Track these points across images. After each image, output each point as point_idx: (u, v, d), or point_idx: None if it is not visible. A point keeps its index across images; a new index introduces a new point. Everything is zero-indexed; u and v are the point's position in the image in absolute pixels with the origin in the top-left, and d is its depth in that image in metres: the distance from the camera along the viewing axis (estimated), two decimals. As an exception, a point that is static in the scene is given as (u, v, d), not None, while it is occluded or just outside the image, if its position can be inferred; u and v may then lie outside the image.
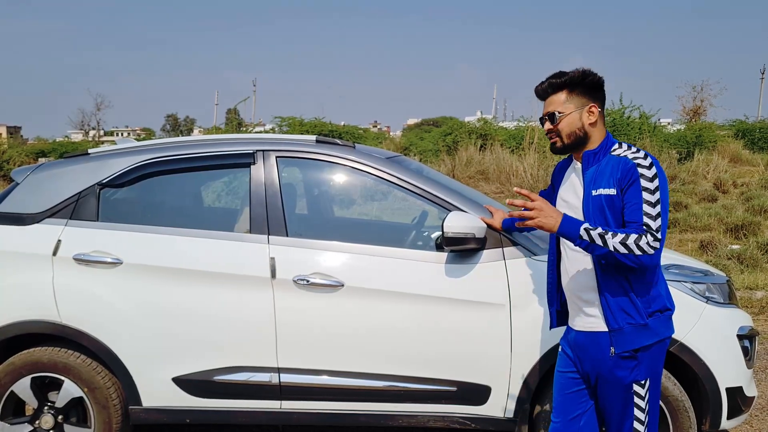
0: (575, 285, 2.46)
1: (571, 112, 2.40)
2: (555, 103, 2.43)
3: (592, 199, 2.36)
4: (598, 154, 2.40)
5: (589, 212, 2.36)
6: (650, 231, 2.23)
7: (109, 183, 3.33)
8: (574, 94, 2.41)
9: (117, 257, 3.18)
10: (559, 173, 2.65)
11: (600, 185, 2.34)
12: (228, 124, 23.72)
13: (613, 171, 2.32)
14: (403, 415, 3.16)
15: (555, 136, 2.44)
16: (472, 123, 23.40)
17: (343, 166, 3.35)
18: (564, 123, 2.41)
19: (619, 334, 2.34)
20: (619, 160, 2.33)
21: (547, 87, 2.46)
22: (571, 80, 2.41)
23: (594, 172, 2.38)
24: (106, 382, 3.23)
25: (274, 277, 3.12)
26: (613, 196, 2.31)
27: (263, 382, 3.16)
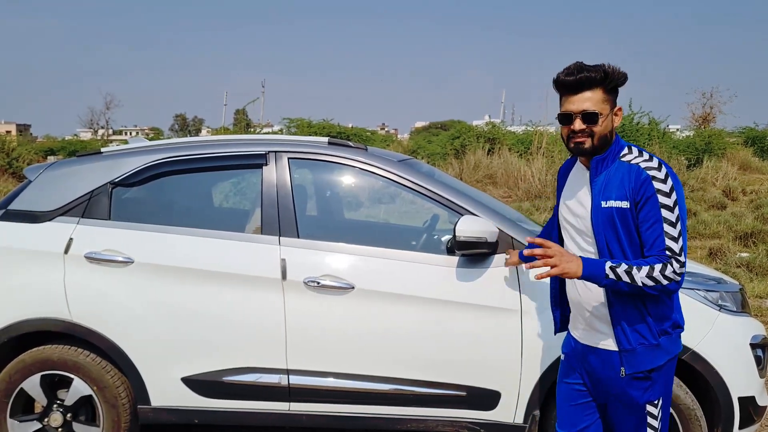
0: (583, 297, 2.33)
1: (608, 113, 2.22)
2: (593, 101, 2.19)
3: (601, 211, 2.20)
4: (606, 160, 2.24)
5: (599, 225, 2.21)
6: (674, 257, 2.11)
7: (121, 182, 3.34)
8: (608, 94, 2.22)
9: (128, 256, 3.19)
10: (563, 177, 2.48)
11: (611, 196, 2.18)
12: (236, 125, 23.80)
13: (624, 181, 2.17)
14: (411, 419, 3.15)
15: (586, 137, 2.21)
16: (480, 127, 23.35)
17: (355, 168, 3.34)
18: (603, 125, 2.20)
19: (631, 355, 2.22)
20: (630, 169, 2.18)
21: (584, 80, 2.19)
22: (612, 79, 2.20)
23: (604, 180, 2.22)
24: (115, 381, 3.23)
25: (285, 278, 3.11)
26: (625, 209, 2.16)
27: (272, 383, 3.16)
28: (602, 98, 2.20)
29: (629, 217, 2.16)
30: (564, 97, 2.25)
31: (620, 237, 2.18)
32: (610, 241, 2.19)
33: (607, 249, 2.21)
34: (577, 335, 2.41)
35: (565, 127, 2.25)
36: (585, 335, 2.35)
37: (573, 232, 2.35)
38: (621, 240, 2.18)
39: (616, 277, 2.10)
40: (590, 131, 2.20)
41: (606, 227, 2.19)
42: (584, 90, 2.19)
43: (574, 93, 2.21)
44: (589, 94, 2.19)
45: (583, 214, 2.27)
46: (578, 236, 2.32)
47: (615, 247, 2.20)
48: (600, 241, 2.22)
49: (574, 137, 2.23)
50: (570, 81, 2.20)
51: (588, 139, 2.21)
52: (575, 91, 2.20)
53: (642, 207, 2.13)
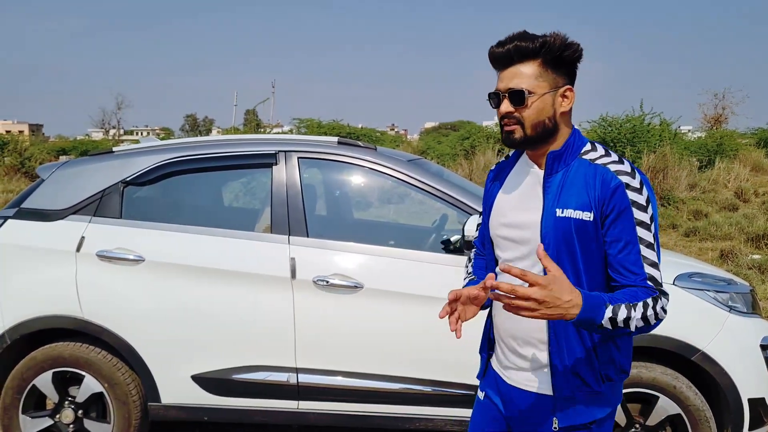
0: (514, 327, 1.81)
1: (545, 93, 1.72)
2: (522, 77, 1.72)
3: (555, 221, 1.71)
4: (564, 155, 1.76)
5: (550, 238, 1.71)
6: (659, 287, 1.67)
7: (132, 181, 3.36)
8: (549, 69, 1.73)
9: (139, 254, 3.21)
10: (495, 182, 1.95)
11: (568, 203, 1.71)
12: (247, 125, 23.88)
13: (588, 185, 1.71)
14: (419, 418, 3.15)
15: (515, 124, 1.74)
16: (490, 127, 23.36)
17: (364, 168, 3.35)
18: (534, 107, 1.72)
19: (568, 403, 1.76)
20: (597, 171, 1.71)
21: (513, 52, 1.72)
22: (549, 49, 1.70)
23: (560, 181, 1.74)
24: (126, 378, 3.26)
25: (294, 277, 3.13)
26: (587, 222, 1.69)
27: (281, 381, 3.17)
28: (536, 73, 1.71)
29: (591, 233, 1.70)
30: (498, 74, 1.79)
31: (575, 256, 1.71)
32: (563, 260, 1.70)
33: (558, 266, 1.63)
34: (504, 374, 1.89)
35: (498, 112, 1.79)
36: (514, 376, 1.85)
37: (510, 248, 1.83)
38: (576, 260, 1.71)
39: (612, 326, 1.59)
40: (520, 116, 1.73)
41: (558, 241, 1.70)
42: (515, 64, 1.73)
43: (505, 67, 1.75)
44: (520, 68, 1.72)
45: (529, 224, 1.76)
46: (519, 252, 1.80)
47: (567, 268, 1.69)
48: (549, 254, 1.67)
49: (505, 124, 1.77)
50: (498, 52, 1.75)
51: (518, 127, 1.74)
52: (506, 66, 1.75)
53: (613, 222, 1.68)
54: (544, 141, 1.77)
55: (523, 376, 1.83)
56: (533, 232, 1.75)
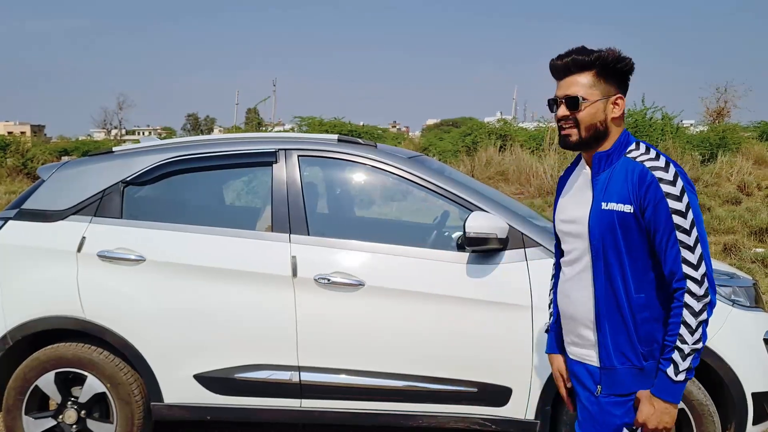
0: (571, 310, 2.12)
1: (597, 100, 1.97)
2: (578, 86, 1.97)
3: (601, 213, 1.96)
4: (611, 156, 2.00)
5: (596, 231, 1.97)
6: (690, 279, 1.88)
7: (133, 181, 3.36)
8: (602, 80, 1.98)
9: (140, 254, 3.21)
10: (563, 183, 2.24)
11: (612, 197, 1.95)
12: (248, 124, 23.88)
13: (627, 180, 1.94)
14: (423, 415, 3.15)
15: (571, 127, 2.00)
16: (491, 124, 23.30)
17: (365, 166, 3.35)
18: (586, 112, 1.97)
19: (611, 374, 2.01)
20: (634, 168, 1.94)
21: (571, 64, 1.98)
22: (603, 62, 1.96)
23: (606, 178, 1.99)
24: (128, 378, 3.26)
25: (296, 275, 3.12)
26: (628, 214, 1.92)
27: (283, 380, 3.17)
28: (591, 83, 1.97)
29: (633, 224, 1.93)
30: (556, 84, 2.06)
31: (619, 246, 1.95)
32: (608, 250, 1.96)
33: (603, 258, 1.98)
34: (568, 350, 2.21)
35: (555, 116, 2.06)
36: (575, 350, 2.15)
37: (568, 241, 2.12)
38: (620, 249, 1.95)
39: (689, 364, 1.88)
40: (575, 120, 1.98)
41: (604, 233, 1.96)
42: (573, 74, 1.99)
43: (563, 77, 2.02)
44: (577, 78, 1.98)
45: (580, 218, 2.03)
46: (575, 244, 2.08)
47: (612, 257, 1.97)
48: (595, 247, 1.98)
49: (562, 128, 2.03)
50: (558, 65, 2.02)
51: (574, 130, 1.99)
52: (564, 76, 2.02)
53: (652, 215, 1.90)
54: (596, 143, 2.01)
55: (580, 351, 2.12)
56: (583, 226, 2.02)
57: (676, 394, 1.92)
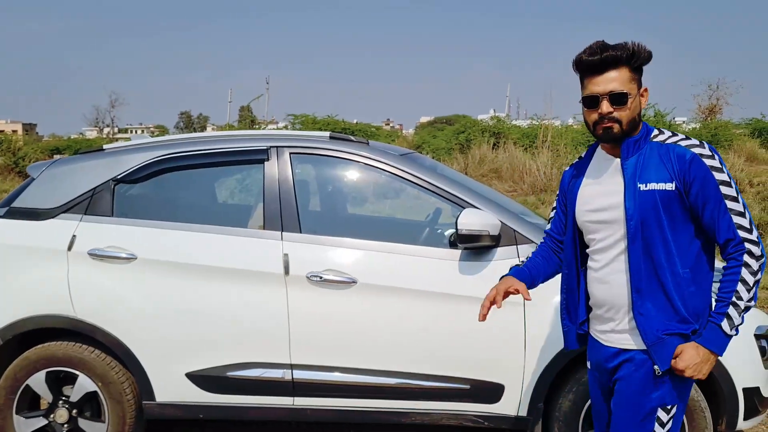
0: (613, 296, 2.12)
1: (636, 94, 2.04)
2: (620, 81, 2.01)
3: (640, 194, 2.01)
4: (639, 142, 2.06)
5: (635, 211, 2.01)
6: (747, 241, 1.98)
7: (123, 179, 3.35)
8: (635, 74, 2.04)
9: (131, 253, 3.20)
10: (572, 180, 2.27)
11: (649, 178, 2.00)
12: (241, 122, 23.82)
13: (664, 161, 2.01)
14: (415, 412, 3.15)
15: (613, 122, 2.02)
16: (485, 121, 23.30)
17: (356, 163, 3.34)
18: (631, 107, 2.02)
19: (660, 347, 2.03)
20: (669, 149, 2.02)
21: (609, 59, 2.00)
22: (638, 58, 2.02)
23: (636, 162, 2.04)
24: (120, 376, 3.25)
25: (288, 273, 3.11)
26: (670, 192, 1.99)
27: (276, 378, 3.16)
28: (629, 78, 2.02)
29: (676, 201, 2.00)
30: (587, 79, 2.06)
31: (662, 224, 2.00)
32: (648, 230, 2.01)
33: (642, 239, 2.01)
34: (601, 338, 2.21)
35: (592, 112, 2.05)
36: (612, 336, 2.16)
37: (601, 229, 2.13)
38: (663, 227, 2.00)
39: (740, 321, 2.00)
40: (618, 115, 2.02)
41: (646, 212, 2.00)
42: (609, 70, 2.01)
43: (599, 73, 2.02)
44: (615, 74, 2.01)
45: (615, 204, 2.07)
46: (609, 230, 2.11)
47: (654, 236, 2.01)
48: (633, 227, 2.02)
49: (602, 122, 2.04)
50: (594, 61, 2.02)
51: (616, 124, 2.02)
52: (600, 72, 2.02)
53: (699, 190, 1.98)
54: (630, 134, 2.07)
55: (618, 336, 2.13)
56: (618, 210, 2.05)
57: (723, 347, 2.01)
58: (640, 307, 2.04)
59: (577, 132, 19.34)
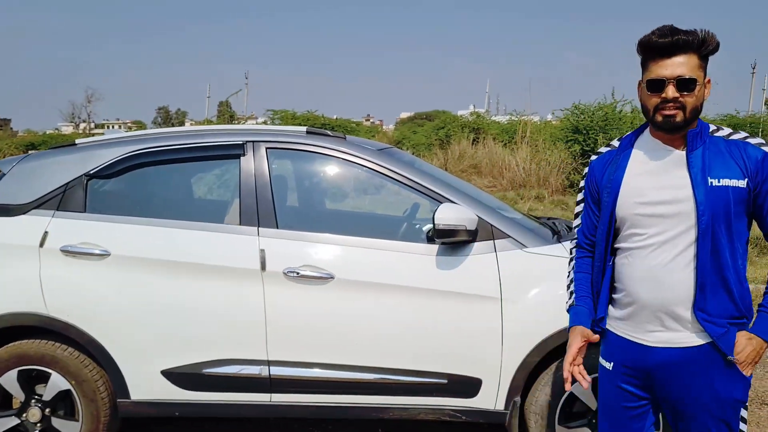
0: (669, 294, 2.02)
1: (702, 83, 1.97)
2: (689, 67, 1.93)
3: (713, 190, 1.94)
4: (702, 134, 2.00)
5: (705, 207, 1.94)
6: None
7: (96, 174, 3.29)
8: (702, 62, 1.97)
9: (105, 249, 3.15)
10: (610, 168, 2.16)
11: (720, 174, 1.94)
12: (220, 117, 23.63)
13: (734, 157, 1.96)
14: (393, 407, 3.15)
15: (677, 108, 1.94)
16: (464, 117, 23.41)
17: (333, 158, 3.32)
18: (697, 94, 1.95)
19: (727, 338, 2.00)
20: (738, 146, 1.98)
21: (680, 43, 1.92)
22: (707, 46, 1.95)
23: (702, 156, 1.98)
24: (93, 374, 3.20)
25: (264, 269, 3.09)
26: (742, 189, 1.94)
27: (253, 374, 3.14)
28: (697, 65, 1.94)
29: (745, 198, 1.95)
30: (653, 62, 1.97)
31: (729, 220, 1.96)
32: (718, 225, 1.95)
33: (711, 233, 1.95)
34: (643, 338, 2.10)
35: (654, 96, 1.97)
36: (660, 336, 2.07)
37: (657, 224, 2.03)
38: (730, 223, 1.96)
39: None
40: (683, 101, 1.94)
41: (717, 209, 1.94)
42: (678, 54, 1.93)
43: (668, 57, 1.94)
44: (685, 59, 1.93)
45: (680, 198, 1.98)
46: (668, 225, 2.01)
47: (721, 232, 1.96)
48: (704, 223, 1.94)
49: (664, 108, 1.95)
50: (664, 43, 1.93)
51: (679, 111, 1.94)
52: (668, 55, 1.94)
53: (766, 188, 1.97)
54: (691, 124, 2.00)
55: (674, 335, 2.04)
56: (686, 205, 1.97)
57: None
58: (704, 305, 1.98)
59: (555, 128, 19.47)
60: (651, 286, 2.04)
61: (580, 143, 15.73)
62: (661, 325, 2.06)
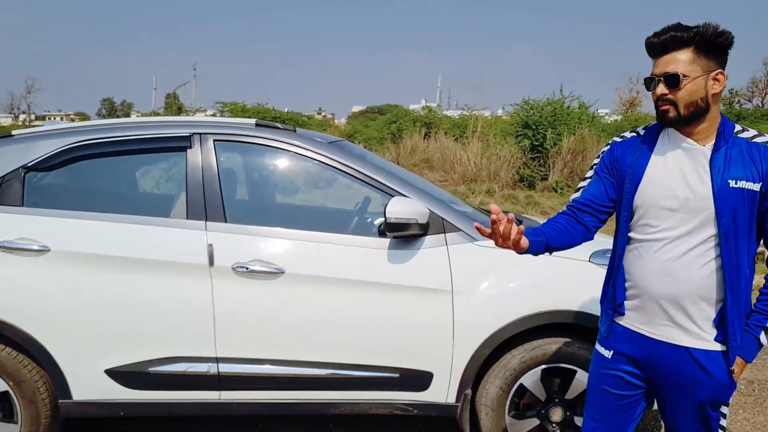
0: (681, 290, 2.03)
1: (698, 76, 1.95)
2: (678, 62, 1.95)
3: (731, 191, 1.95)
4: (725, 134, 2.00)
5: (725, 207, 1.95)
6: None
7: (34, 166, 3.16)
8: (701, 55, 1.95)
9: (44, 244, 3.03)
10: (633, 153, 2.15)
11: (738, 175, 1.95)
12: (167, 109, 23.11)
13: (754, 160, 1.96)
14: (344, 402, 3.13)
15: (668, 104, 1.98)
16: (416, 111, 23.48)
17: (284, 151, 3.27)
18: (686, 89, 1.95)
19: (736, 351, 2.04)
20: (759, 149, 1.97)
21: (669, 40, 1.96)
22: (702, 37, 1.93)
23: (725, 156, 1.98)
24: (33, 375, 3.08)
25: (212, 264, 3.02)
26: (755, 192, 1.95)
27: (201, 372, 3.07)
28: (690, 59, 1.95)
29: (756, 201, 1.96)
30: (653, 61, 2.03)
31: (745, 222, 1.97)
32: (738, 227, 1.97)
33: (733, 235, 1.96)
34: (650, 331, 2.11)
35: (652, 93, 2.04)
36: (666, 331, 2.08)
37: (675, 217, 2.03)
38: (745, 226, 1.98)
39: None
40: (674, 97, 1.97)
41: (735, 210, 1.95)
42: (671, 51, 1.97)
43: (661, 55, 1.99)
44: (676, 55, 1.96)
45: (702, 194, 1.98)
46: (685, 221, 2.01)
47: (742, 234, 1.98)
48: (725, 224, 1.95)
49: (659, 105, 2.01)
50: (654, 42, 2.00)
51: (671, 107, 1.98)
52: (661, 53, 1.99)
53: None
54: (696, 119, 1.99)
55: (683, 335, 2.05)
56: (705, 203, 1.97)
57: (754, 355, 2.04)
58: (731, 307, 1.99)
59: (505, 123, 19.73)
60: (662, 280, 2.05)
61: (530, 138, 15.99)
62: (669, 319, 2.07)
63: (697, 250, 2.00)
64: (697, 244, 2.00)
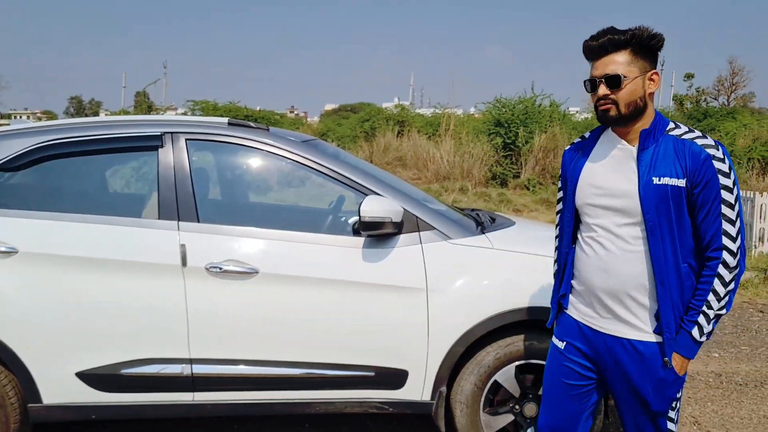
0: (616, 284, 2.14)
1: (636, 76, 2.05)
2: (617, 64, 2.04)
3: (654, 188, 2.03)
4: (654, 133, 2.08)
5: (650, 203, 2.04)
6: (726, 250, 2.02)
7: (1, 166, 3.10)
8: (638, 57, 2.05)
9: (12, 246, 2.97)
10: (576, 157, 2.28)
11: (663, 172, 2.03)
12: (137, 108, 22.79)
13: (679, 157, 2.03)
14: (319, 402, 3.12)
15: (610, 104, 2.06)
16: (389, 109, 23.50)
17: (257, 150, 3.24)
18: (627, 89, 2.04)
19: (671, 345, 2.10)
20: (685, 146, 2.04)
21: (607, 43, 2.05)
22: (639, 40, 2.03)
23: (652, 154, 2.06)
24: (1, 379, 3.02)
25: (185, 264, 2.99)
26: (681, 188, 2.02)
27: (174, 374, 3.04)
28: (628, 60, 2.04)
29: (683, 197, 2.03)
30: (591, 64, 2.12)
31: (671, 218, 2.04)
32: (662, 222, 2.05)
33: (659, 230, 2.05)
34: (595, 324, 2.23)
35: (592, 94, 2.12)
36: (609, 324, 2.19)
37: (603, 215, 2.16)
38: (671, 221, 2.05)
39: (711, 327, 2.07)
40: (615, 98, 2.05)
41: (658, 205, 2.03)
42: (609, 53, 2.06)
43: (599, 58, 2.08)
44: (614, 57, 2.05)
45: (629, 192, 2.08)
46: (617, 218, 2.13)
47: (665, 229, 2.05)
48: (651, 220, 2.04)
49: (599, 105, 2.09)
50: (593, 46, 2.09)
51: (612, 106, 2.06)
52: (599, 56, 2.08)
53: (702, 189, 2.02)
54: (635, 118, 2.08)
55: (623, 327, 2.15)
56: (632, 200, 2.07)
57: (693, 352, 2.09)
58: (658, 298, 2.07)
59: (478, 121, 19.84)
60: (601, 275, 2.17)
61: (502, 136, 16.11)
62: (610, 313, 2.18)
63: (629, 246, 2.11)
64: (628, 240, 2.11)
